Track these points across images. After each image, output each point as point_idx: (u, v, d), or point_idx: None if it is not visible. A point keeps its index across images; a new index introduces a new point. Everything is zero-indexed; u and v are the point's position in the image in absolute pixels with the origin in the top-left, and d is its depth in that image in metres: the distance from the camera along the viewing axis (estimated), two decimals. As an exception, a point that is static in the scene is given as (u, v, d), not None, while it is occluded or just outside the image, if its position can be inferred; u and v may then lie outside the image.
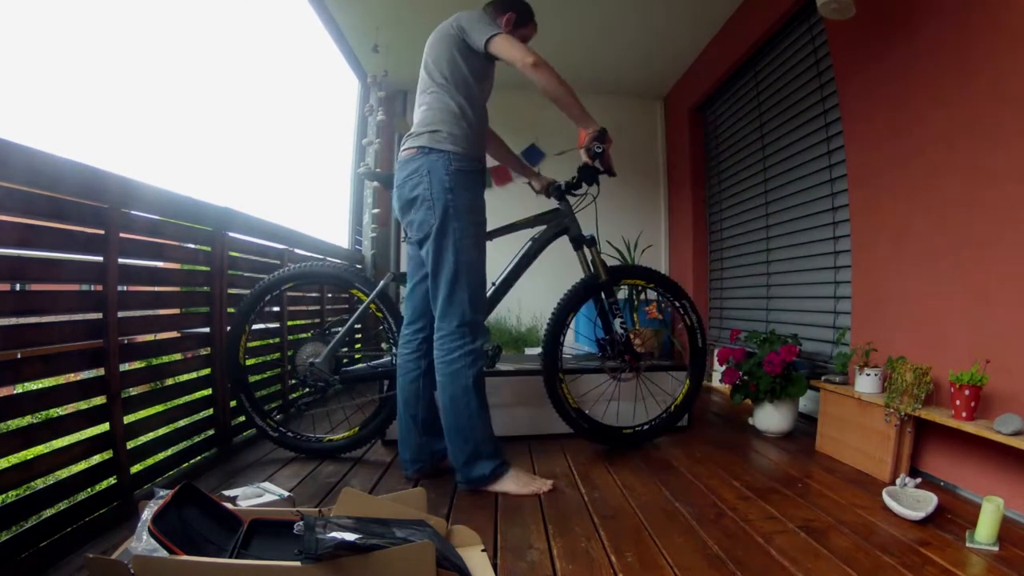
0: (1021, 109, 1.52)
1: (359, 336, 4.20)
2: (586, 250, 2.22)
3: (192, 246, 2.07)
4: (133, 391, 1.65)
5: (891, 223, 2.07)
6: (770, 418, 2.35)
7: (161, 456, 1.77)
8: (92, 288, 1.50)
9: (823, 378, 2.20)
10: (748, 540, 1.35)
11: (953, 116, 1.77)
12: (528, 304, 4.51)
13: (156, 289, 1.95)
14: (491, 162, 4.85)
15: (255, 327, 2.14)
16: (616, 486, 1.76)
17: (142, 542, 0.98)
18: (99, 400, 1.50)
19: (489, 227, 1.89)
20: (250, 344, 2.12)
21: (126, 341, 1.66)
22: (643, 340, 3.66)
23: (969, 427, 1.51)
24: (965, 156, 1.72)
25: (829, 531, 1.40)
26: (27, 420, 1.34)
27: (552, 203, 2.31)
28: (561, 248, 2.41)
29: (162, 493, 1.12)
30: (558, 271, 4.57)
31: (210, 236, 2.09)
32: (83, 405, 1.47)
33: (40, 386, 1.48)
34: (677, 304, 2.24)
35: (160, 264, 1.82)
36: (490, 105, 1.98)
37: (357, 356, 2.62)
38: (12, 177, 1.20)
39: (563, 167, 4.84)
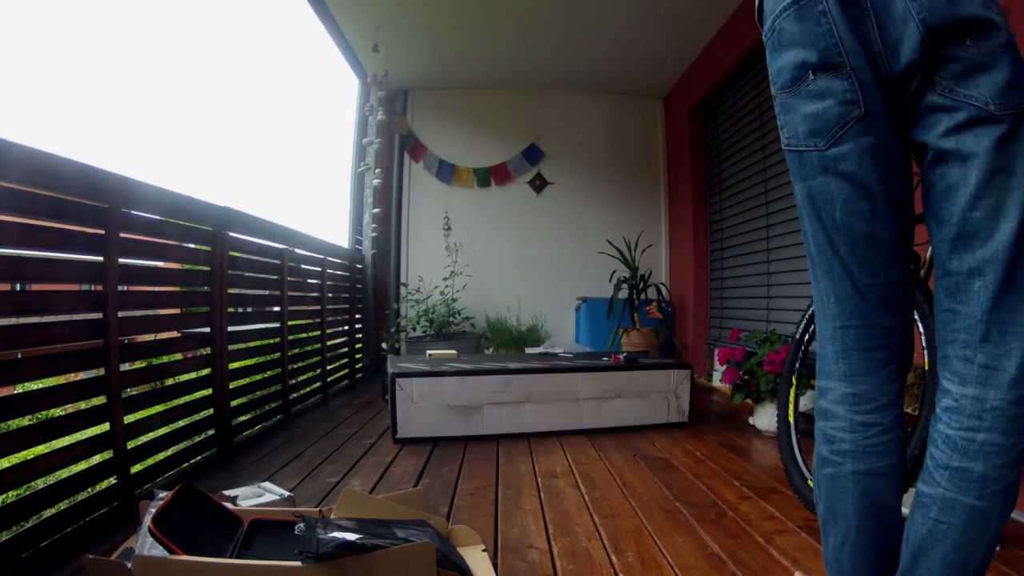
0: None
1: (359, 336, 4.21)
2: None
3: (192, 246, 2.07)
4: (133, 391, 1.65)
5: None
6: (771, 418, 2.35)
7: (161, 456, 1.77)
8: (92, 288, 1.50)
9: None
10: (749, 540, 1.35)
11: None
12: (528, 304, 4.52)
13: (156, 289, 1.95)
14: (491, 162, 4.88)
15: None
16: (616, 486, 1.76)
17: (147, 543, 0.98)
18: (99, 400, 1.50)
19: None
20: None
21: (126, 341, 1.66)
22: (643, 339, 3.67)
23: (970, 427, 1.51)
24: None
25: (830, 531, 1.40)
26: (27, 420, 1.34)
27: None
28: (561, 248, 2.40)
29: (162, 494, 1.12)
30: (558, 271, 4.61)
31: (210, 236, 2.09)
32: (83, 405, 1.47)
33: (40, 386, 1.48)
34: None
35: (160, 264, 1.82)
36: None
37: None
38: (12, 177, 1.20)
39: (562, 165, 4.86)
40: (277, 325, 2.72)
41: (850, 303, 0.81)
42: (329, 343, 3.44)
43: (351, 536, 0.95)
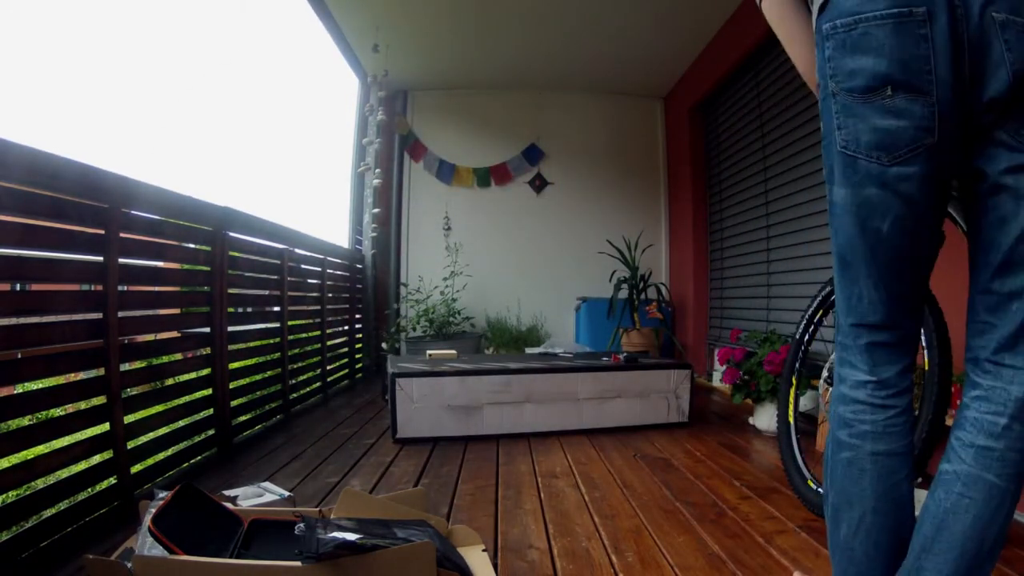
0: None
1: (359, 336, 4.21)
2: None
3: (192, 246, 2.07)
4: (133, 391, 1.65)
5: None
6: (771, 418, 2.35)
7: (161, 456, 1.77)
8: (92, 288, 1.50)
9: (823, 378, 2.20)
10: (749, 540, 1.35)
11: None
12: (528, 304, 4.52)
13: (156, 289, 1.95)
14: (491, 162, 4.88)
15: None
16: (616, 486, 1.76)
17: (147, 543, 0.98)
18: (99, 400, 1.50)
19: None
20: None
21: (126, 341, 1.66)
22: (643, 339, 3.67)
23: (970, 427, 1.51)
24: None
25: (830, 531, 1.40)
26: (27, 420, 1.34)
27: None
28: (561, 248, 2.41)
29: (162, 494, 1.12)
30: (558, 271, 4.61)
31: (210, 236, 2.09)
32: (83, 405, 1.47)
33: (40, 386, 1.48)
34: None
35: (160, 264, 1.82)
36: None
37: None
38: (12, 177, 1.20)
39: (562, 165, 4.85)
40: (277, 325, 2.72)
41: (881, 307, 0.86)
42: (329, 343, 3.44)
43: (351, 536, 0.95)
